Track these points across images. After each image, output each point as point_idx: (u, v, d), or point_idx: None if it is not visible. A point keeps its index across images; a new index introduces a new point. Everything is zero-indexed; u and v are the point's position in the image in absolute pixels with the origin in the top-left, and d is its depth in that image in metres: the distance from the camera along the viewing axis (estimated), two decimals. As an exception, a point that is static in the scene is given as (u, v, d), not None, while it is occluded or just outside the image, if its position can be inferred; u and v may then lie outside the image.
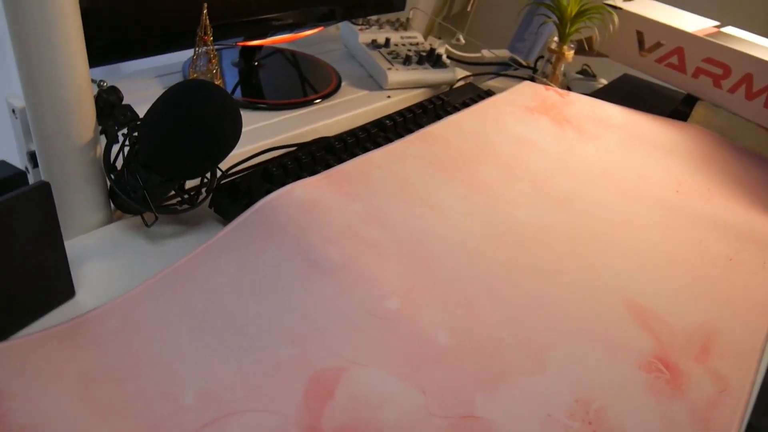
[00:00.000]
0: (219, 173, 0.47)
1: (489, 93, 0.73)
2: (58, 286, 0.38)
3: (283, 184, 0.46)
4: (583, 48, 0.81)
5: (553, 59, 0.80)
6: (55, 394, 0.31)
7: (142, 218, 0.44)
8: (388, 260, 0.42)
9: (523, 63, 0.94)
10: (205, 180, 0.46)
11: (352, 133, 0.56)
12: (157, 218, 0.45)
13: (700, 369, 0.41)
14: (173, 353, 0.35)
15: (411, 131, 0.59)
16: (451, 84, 0.79)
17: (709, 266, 0.51)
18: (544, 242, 0.49)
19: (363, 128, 0.58)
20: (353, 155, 0.53)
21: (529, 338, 0.40)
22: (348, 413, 0.33)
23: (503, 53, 0.95)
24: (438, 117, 0.64)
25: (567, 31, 0.75)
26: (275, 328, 0.37)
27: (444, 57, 0.79)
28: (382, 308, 0.39)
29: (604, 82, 0.91)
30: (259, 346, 0.36)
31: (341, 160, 0.52)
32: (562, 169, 0.60)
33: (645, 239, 0.53)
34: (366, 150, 0.54)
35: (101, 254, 0.42)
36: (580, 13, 0.73)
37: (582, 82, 0.89)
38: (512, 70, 0.92)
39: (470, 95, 0.71)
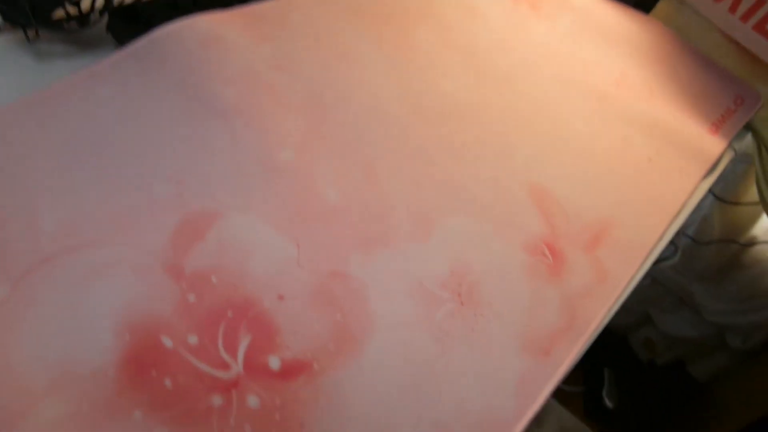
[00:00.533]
0: (119, -7, 0.42)
1: (448, -48, 0.67)
2: None
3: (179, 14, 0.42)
4: None
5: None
6: None
7: (25, 32, 0.40)
8: (288, 109, 0.40)
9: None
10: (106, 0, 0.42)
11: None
12: (38, 34, 0.40)
13: (585, 258, 0.41)
14: (38, 176, 0.33)
15: (349, -21, 0.54)
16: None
17: (626, 164, 0.51)
18: (463, 117, 0.47)
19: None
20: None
21: (420, 209, 0.39)
22: (215, 256, 0.33)
23: None
24: (384, -31, 0.58)
25: None
26: (152, 163, 0.35)
27: None
28: (273, 157, 0.37)
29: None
30: (132, 180, 0.34)
31: (261, -1, 0.47)
32: (504, 47, 0.57)
33: (569, 128, 0.51)
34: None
35: (-25, 64, 0.39)
36: None
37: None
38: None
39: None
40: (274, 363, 0.30)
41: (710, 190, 0.94)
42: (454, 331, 0.34)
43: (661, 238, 0.46)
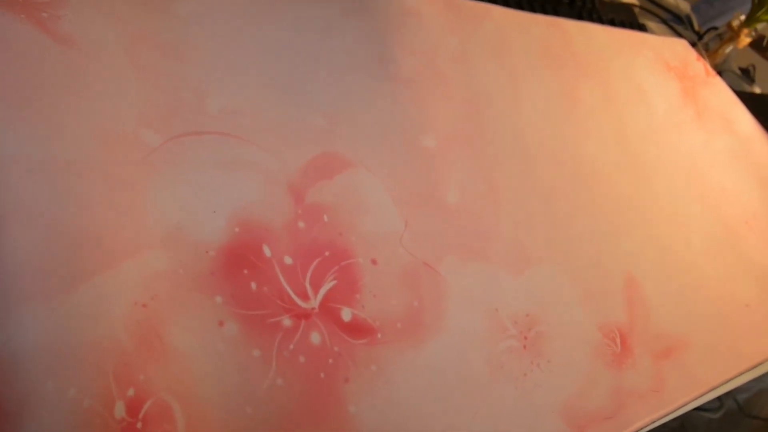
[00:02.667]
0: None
1: (642, 27, 0.67)
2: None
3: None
4: (761, 45, 0.73)
5: (725, 36, 0.72)
6: (106, 25, 0.32)
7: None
8: (449, 102, 0.42)
9: (695, 27, 0.85)
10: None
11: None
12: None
13: (650, 363, 0.41)
14: (223, 62, 0.36)
15: (545, 12, 0.55)
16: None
17: (724, 298, 0.50)
18: (593, 182, 0.47)
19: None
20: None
21: (526, 245, 0.40)
22: (334, 198, 0.34)
23: (683, 5, 0.86)
24: (579, 17, 0.59)
25: (758, 14, 0.67)
26: (317, 93, 0.37)
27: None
28: (418, 138, 0.39)
29: (758, 91, 0.83)
30: (296, 99, 0.36)
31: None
32: (657, 138, 0.57)
33: (685, 241, 0.51)
34: (490, 0, 0.51)
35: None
36: (786, 4, 0.65)
37: (734, 77, 0.81)
38: (679, 25, 0.83)
39: (623, 17, 0.65)
40: (347, 315, 0.31)
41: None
42: (508, 366, 0.34)
43: (724, 383, 0.45)
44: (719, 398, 0.91)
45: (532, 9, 0.55)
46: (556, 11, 0.57)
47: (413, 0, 0.43)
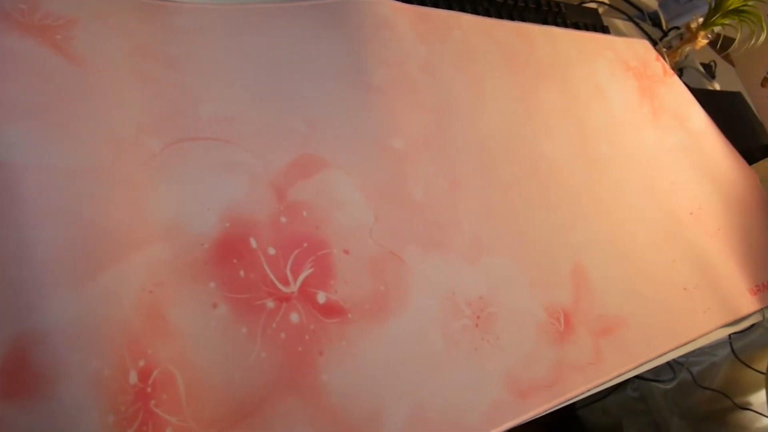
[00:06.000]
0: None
1: (605, 30, 0.71)
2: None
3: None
4: (716, 45, 0.78)
5: (685, 36, 0.77)
6: (111, 43, 0.37)
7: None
8: (417, 107, 0.46)
9: (662, 25, 0.90)
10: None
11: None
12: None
13: (590, 340, 0.47)
14: (212, 71, 0.40)
15: (512, 18, 0.60)
16: (582, 0, 0.77)
17: (663, 282, 0.55)
18: (549, 178, 0.53)
19: (472, -12, 0.58)
20: (448, 6, 0.55)
21: (481, 235, 0.45)
22: (312, 196, 0.39)
23: (652, 3, 0.91)
24: (544, 21, 0.64)
25: (713, 18, 0.72)
26: (298, 99, 0.42)
27: (594, -28, 0.76)
28: (387, 141, 0.44)
29: (717, 87, 0.88)
30: (280, 104, 0.41)
31: (434, 3, 0.53)
32: (612, 136, 0.62)
33: (631, 230, 0.56)
34: (461, 8, 0.56)
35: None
36: (737, 11, 0.70)
37: (696, 74, 0.86)
38: (646, 23, 0.88)
39: (587, 20, 0.70)
40: (321, 298, 0.37)
41: (730, 343, 0.97)
42: (461, 342, 0.40)
43: (657, 358, 0.51)
44: (673, 370, 0.99)
45: (500, 15, 0.59)
46: (522, 17, 0.61)
47: (386, 12, 0.48)
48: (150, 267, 0.32)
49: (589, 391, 0.45)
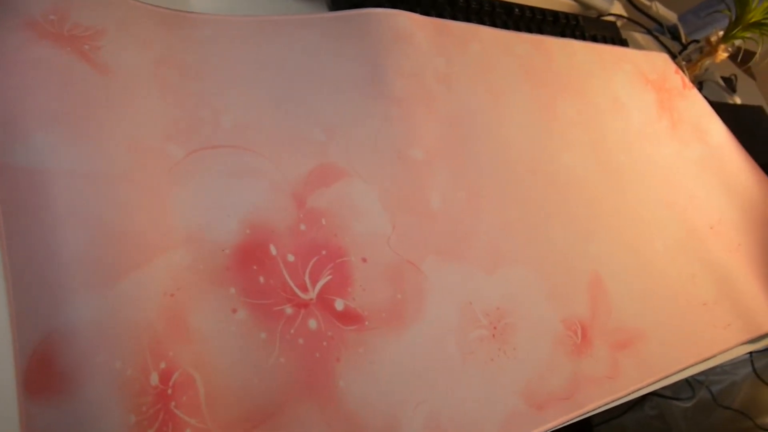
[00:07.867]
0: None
1: (623, 43, 0.72)
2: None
3: (393, 7, 0.49)
4: (737, 58, 0.78)
5: (704, 50, 0.77)
6: (136, 53, 0.38)
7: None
8: (436, 119, 0.47)
9: (681, 38, 0.89)
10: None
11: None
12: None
13: (607, 353, 0.47)
14: (234, 81, 0.41)
15: (530, 31, 0.60)
16: (600, 13, 0.77)
17: (683, 297, 0.55)
18: (568, 189, 0.53)
19: (490, 1, 0.59)
20: (466, 19, 0.55)
21: (499, 246, 0.45)
22: (331, 204, 0.40)
23: (671, 16, 0.91)
24: (562, 34, 0.64)
25: (734, 32, 0.72)
26: (318, 109, 0.42)
27: (613, -15, 0.76)
28: (406, 151, 0.44)
29: (737, 100, 0.88)
30: (300, 115, 0.42)
31: (453, 16, 0.54)
32: (632, 147, 0.62)
33: (649, 243, 0.56)
34: (479, 21, 0.56)
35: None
36: (758, 24, 0.70)
37: (716, 87, 0.86)
38: (665, 36, 0.88)
39: (606, 33, 0.70)
40: (339, 305, 0.37)
41: (751, 362, 0.95)
42: (478, 352, 0.40)
43: (676, 373, 0.51)
44: (692, 389, 0.97)
45: (518, 28, 0.59)
46: (540, 30, 0.62)
47: (405, 24, 0.48)
48: (172, 271, 0.32)
49: (606, 404, 0.45)
